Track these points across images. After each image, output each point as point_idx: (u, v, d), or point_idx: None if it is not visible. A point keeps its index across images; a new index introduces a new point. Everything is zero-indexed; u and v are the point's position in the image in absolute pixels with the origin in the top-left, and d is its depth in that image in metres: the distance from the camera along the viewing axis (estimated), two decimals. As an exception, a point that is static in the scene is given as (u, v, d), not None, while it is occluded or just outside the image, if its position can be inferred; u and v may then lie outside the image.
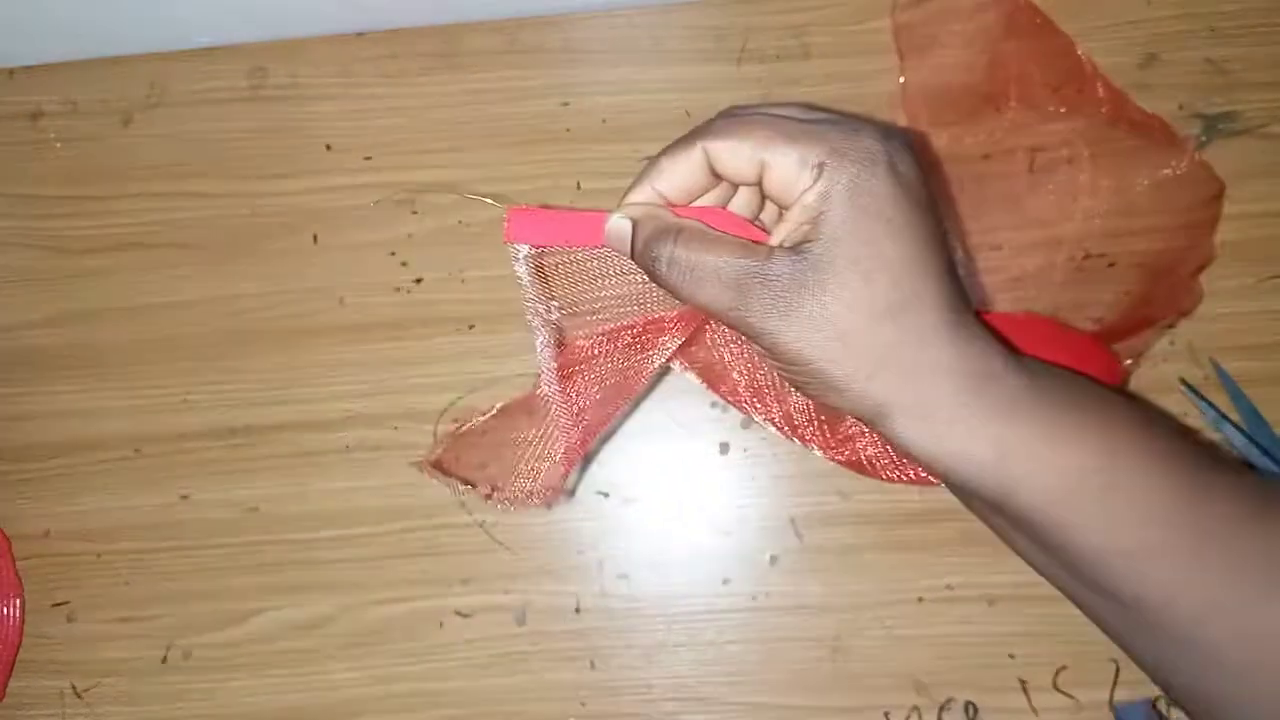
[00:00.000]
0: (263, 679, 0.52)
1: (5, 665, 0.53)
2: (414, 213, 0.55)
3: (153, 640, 0.53)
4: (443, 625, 0.52)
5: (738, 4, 0.55)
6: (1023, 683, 0.50)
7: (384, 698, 0.52)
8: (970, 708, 0.50)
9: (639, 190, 0.34)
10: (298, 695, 0.52)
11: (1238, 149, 0.52)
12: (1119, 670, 0.49)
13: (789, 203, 0.31)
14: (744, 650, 0.51)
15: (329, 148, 0.55)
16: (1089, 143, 0.51)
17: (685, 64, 0.55)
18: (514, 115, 0.55)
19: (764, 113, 0.32)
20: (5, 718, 0.53)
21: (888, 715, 0.50)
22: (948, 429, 0.30)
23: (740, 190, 0.35)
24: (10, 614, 0.53)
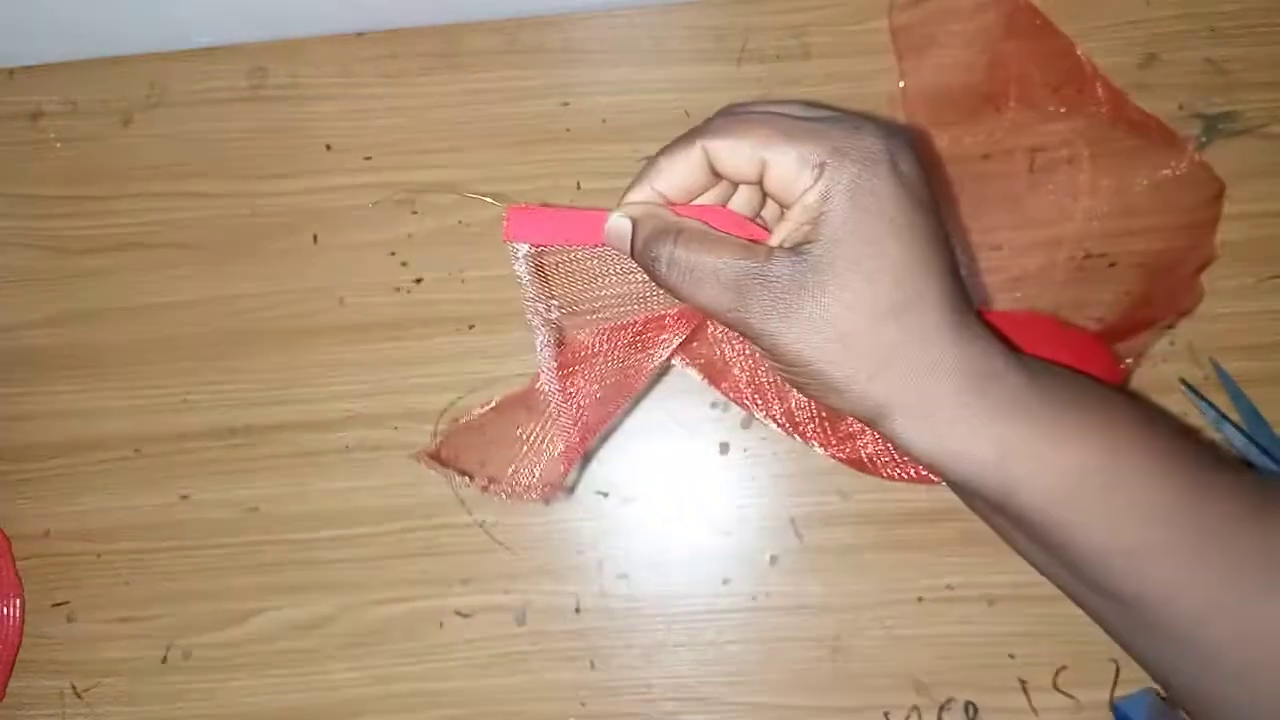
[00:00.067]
0: (263, 679, 0.52)
1: (5, 665, 0.53)
2: (414, 213, 0.55)
3: (153, 640, 0.53)
4: (443, 625, 0.52)
5: (738, 4, 0.55)
6: (1023, 683, 0.50)
7: (384, 698, 0.52)
8: (970, 708, 0.50)
9: (639, 189, 0.33)
10: (298, 695, 0.52)
11: (1238, 149, 0.52)
12: (1119, 670, 0.49)
13: (789, 202, 0.31)
14: (744, 650, 0.51)
15: (329, 148, 0.55)
16: (1089, 143, 0.51)
17: (685, 64, 0.55)
18: (514, 115, 0.55)
19: (764, 111, 0.32)
20: (5, 718, 0.53)
21: (888, 715, 0.50)
22: (949, 429, 0.30)
23: (741, 188, 0.35)
24: (10, 614, 0.53)
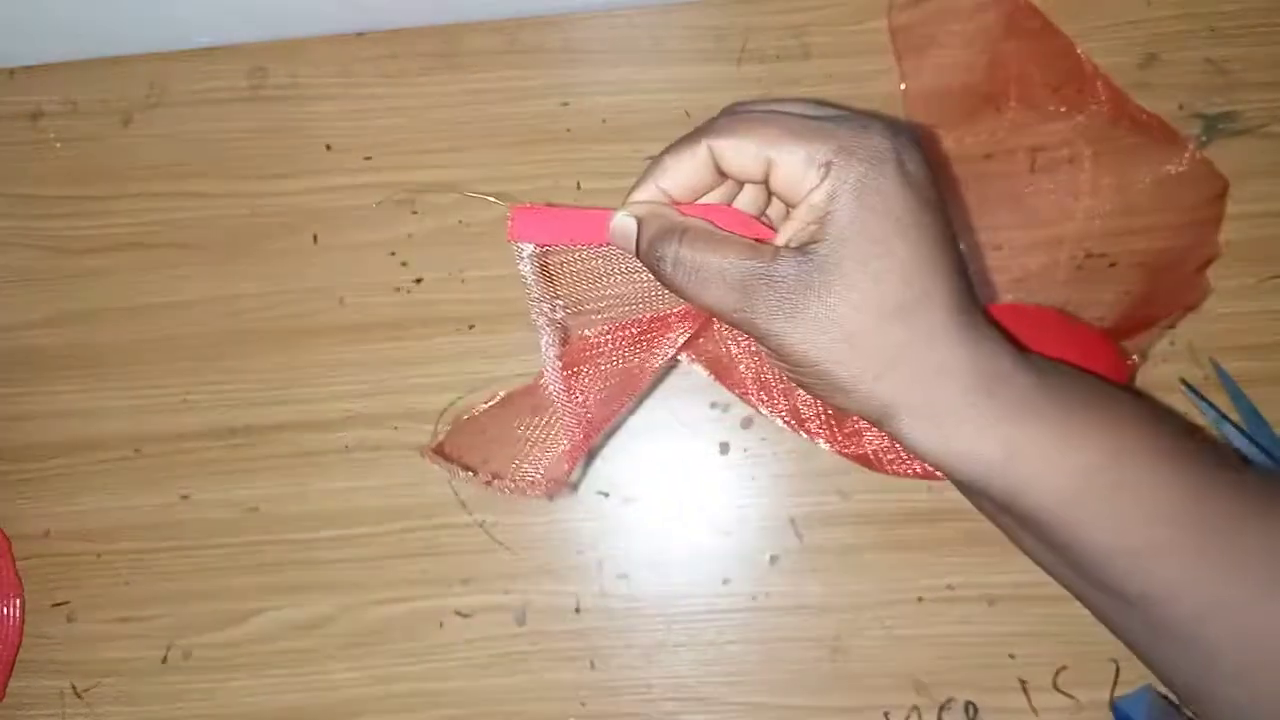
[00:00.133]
0: (263, 679, 0.52)
1: (5, 665, 0.53)
2: (414, 213, 0.55)
3: (153, 640, 0.53)
4: (443, 625, 0.52)
5: (738, 4, 0.55)
6: (1023, 683, 0.50)
7: (384, 698, 0.52)
8: (970, 708, 0.50)
9: (644, 188, 0.33)
10: (298, 695, 0.52)
11: (1238, 149, 0.52)
12: (1119, 670, 0.49)
13: (795, 201, 0.31)
14: (744, 650, 0.51)
15: (329, 148, 0.55)
16: (1090, 142, 0.51)
17: (685, 64, 0.55)
18: (514, 115, 0.55)
19: (770, 109, 0.32)
20: (5, 718, 0.53)
21: (888, 715, 0.50)
22: (956, 429, 0.30)
23: (746, 187, 0.34)
24: (10, 614, 0.53)
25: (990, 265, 0.52)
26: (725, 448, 0.52)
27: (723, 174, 0.33)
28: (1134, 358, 0.48)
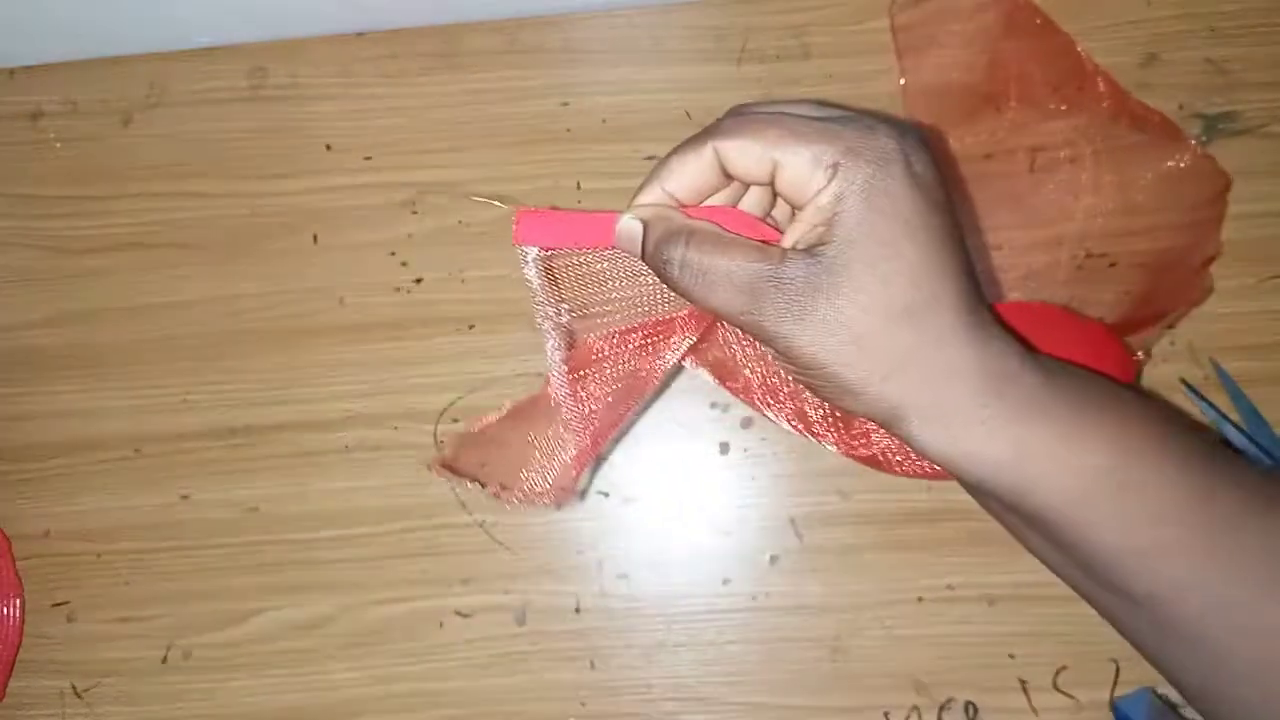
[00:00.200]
0: (263, 679, 0.52)
1: (5, 665, 0.53)
2: (414, 213, 0.55)
3: (153, 640, 0.53)
4: (443, 625, 0.52)
5: (738, 4, 0.55)
6: (1023, 683, 0.50)
7: (384, 698, 0.52)
8: (970, 708, 0.50)
9: (649, 191, 0.33)
10: (298, 695, 0.52)
11: (1238, 149, 0.52)
12: (1119, 670, 0.49)
13: (802, 203, 0.30)
14: (744, 650, 0.51)
15: (329, 148, 0.55)
16: (1091, 140, 0.51)
17: (685, 64, 0.55)
18: (514, 115, 0.55)
19: (776, 111, 0.32)
20: (5, 718, 0.53)
21: (888, 715, 0.50)
22: (966, 431, 0.30)
23: (751, 189, 0.34)
24: (10, 614, 0.53)
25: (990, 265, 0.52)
26: (725, 448, 0.52)
27: (728, 176, 0.32)
28: (1140, 353, 0.47)
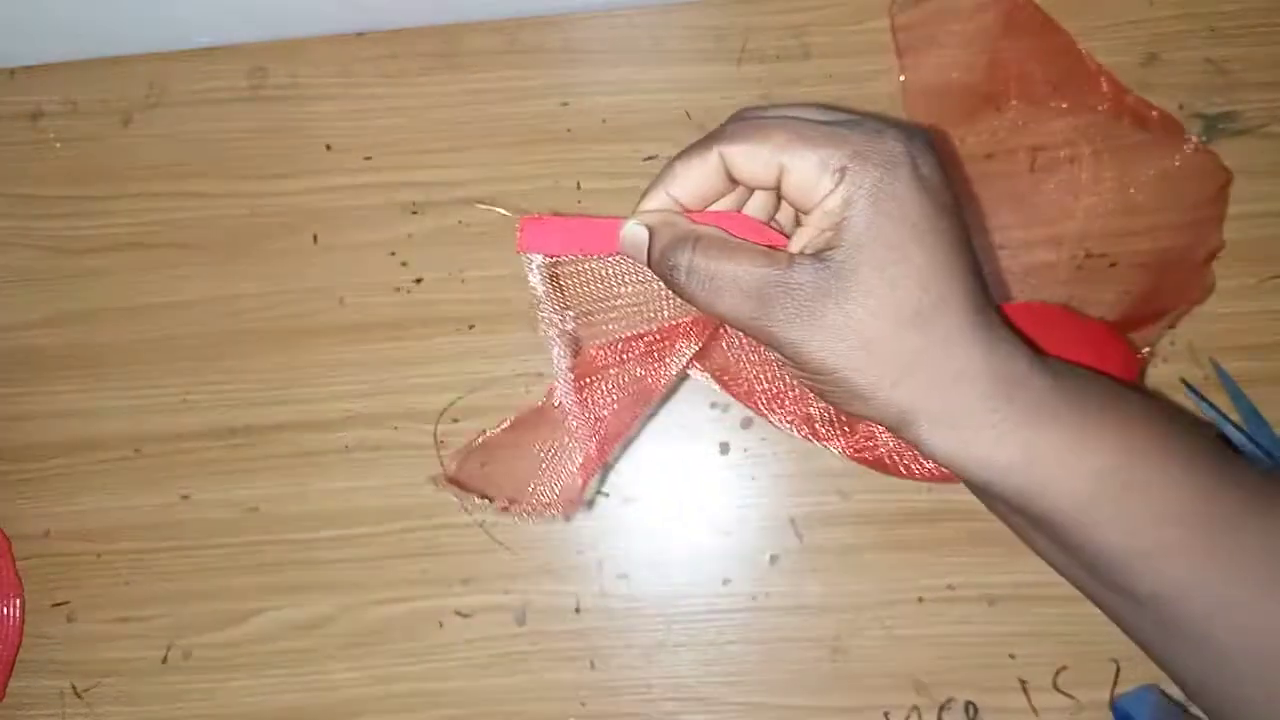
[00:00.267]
0: (263, 679, 0.52)
1: (5, 665, 0.53)
2: (414, 213, 0.55)
3: (153, 640, 0.53)
4: (443, 625, 0.52)
5: (738, 4, 0.55)
6: (1023, 683, 0.50)
7: (384, 698, 0.52)
8: (970, 708, 0.50)
9: (654, 196, 0.33)
10: (298, 695, 0.52)
11: (1238, 149, 0.52)
12: (1119, 670, 0.49)
13: (809, 207, 0.30)
14: (744, 650, 0.51)
15: (329, 148, 0.55)
16: (1091, 139, 0.51)
17: (685, 64, 0.55)
18: (514, 115, 0.55)
19: (781, 115, 0.31)
20: (5, 718, 0.53)
21: (888, 715, 0.50)
22: (975, 435, 0.30)
23: (755, 194, 0.34)
24: (10, 614, 0.53)
25: (991, 266, 0.52)
26: (725, 448, 0.52)
27: (733, 181, 0.32)
28: (1144, 351, 0.47)
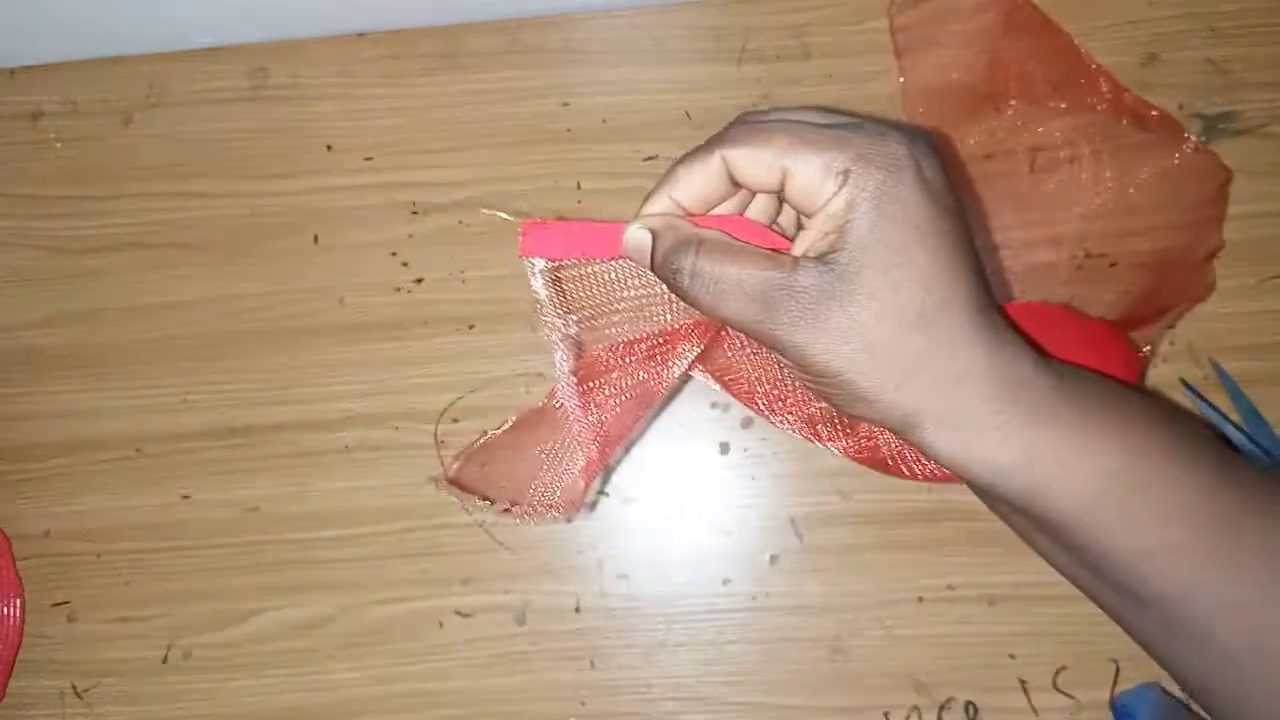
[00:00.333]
0: (263, 679, 0.52)
1: (5, 665, 0.53)
2: (414, 213, 0.55)
3: (153, 640, 0.53)
4: (443, 625, 0.52)
5: (738, 4, 0.55)
6: (1023, 683, 0.50)
7: (384, 698, 0.52)
8: (970, 708, 0.50)
9: (656, 200, 0.33)
10: (298, 695, 0.52)
11: (1238, 149, 0.52)
12: (1119, 670, 0.49)
13: (812, 211, 0.30)
14: (744, 650, 0.51)
15: (329, 148, 0.55)
16: (1091, 139, 0.51)
17: (685, 64, 0.55)
18: (514, 115, 0.55)
19: (783, 119, 0.31)
20: (5, 718, 0.53)
21: (888, 715, 0.50)
22: (979, 436, 0.30)
23: (757, 197, 0.34)
24: (10, 614, 0.53)
25: (991, 266, 0.52)
26: (725, 448, 0.52)
27: (735, 185, 0.32)
28: (1145, 350, 0.47)
